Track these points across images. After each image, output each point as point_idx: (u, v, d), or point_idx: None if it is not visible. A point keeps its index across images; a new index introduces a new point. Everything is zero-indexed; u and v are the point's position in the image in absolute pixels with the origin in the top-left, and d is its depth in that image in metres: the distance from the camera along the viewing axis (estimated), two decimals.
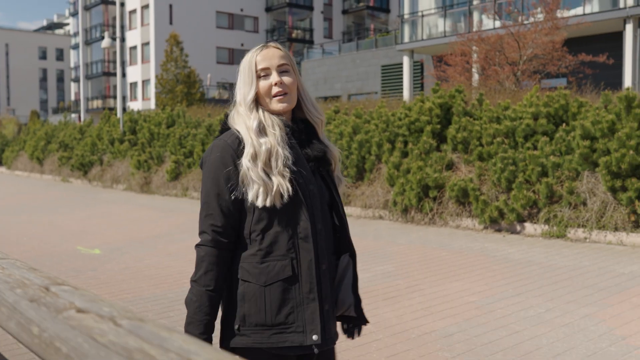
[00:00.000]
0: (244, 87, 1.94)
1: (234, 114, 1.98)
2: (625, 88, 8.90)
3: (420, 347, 4.30)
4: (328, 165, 2.03)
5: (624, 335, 4.49)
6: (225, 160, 1.89)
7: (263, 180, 1.83)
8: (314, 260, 1.88)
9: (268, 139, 1.88)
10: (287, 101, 1.94)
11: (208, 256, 1.86)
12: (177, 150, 16.64)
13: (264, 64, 1.92)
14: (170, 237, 9.69)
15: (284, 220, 1.87)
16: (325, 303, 1.90)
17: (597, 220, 8.21)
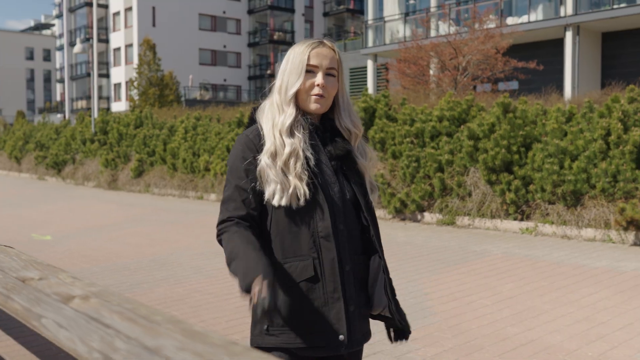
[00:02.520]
0: (289, 76, 1.90)
1: (266, 104, 1.96)
2: (513, 98, 10.20)
3: None
4: (353, 164, 1.98)
5: (428, 292, 5.81)
6: (245, 154, 1.88)
7: (280, 180, 1.82)
8: (336, 259, 1.85)
9: (293, 140, 1.86)
10: (322, 104, 1.92)
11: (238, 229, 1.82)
12: (141, 149, 17.89)
13: (315, 60, 1.89)
14: (118, 226, 10.95)
15: (304, 220, 1.85)
16: (350, 304, 1.87)
17: (478, 209, 9.55)
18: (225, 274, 6.80)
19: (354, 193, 1.94)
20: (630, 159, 8.11)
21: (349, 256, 1.89)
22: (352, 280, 1.89)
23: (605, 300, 5.44)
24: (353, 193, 1.94)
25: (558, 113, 9.67)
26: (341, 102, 1.97)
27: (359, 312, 1.91)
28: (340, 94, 1.97)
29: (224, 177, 14.39)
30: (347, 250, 1.89)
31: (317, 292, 1.84)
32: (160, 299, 5.83)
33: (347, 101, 1.99)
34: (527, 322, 4.82)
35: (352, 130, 1.97)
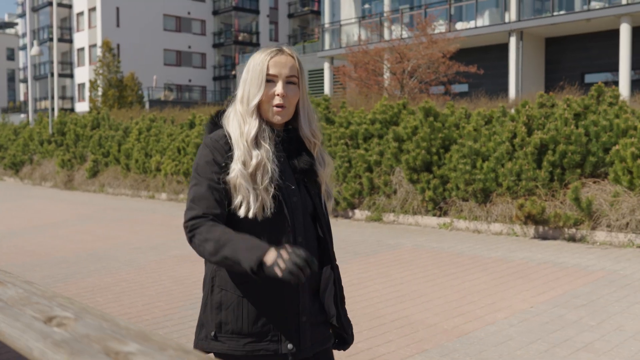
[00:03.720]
0: (250, 87, 1.90)
1: (231, 113, 1.93)
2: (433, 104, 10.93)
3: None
4: (314, 176, 1.99)
5: None
6: (216, 158, 1.86)
7: (248, 190, 1.82)
8: None
9: (260, 151, 1.85)
10: (284, 115, 1.91)
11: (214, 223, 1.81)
12: (96, 150, 18.33)
13: (275, 70, 1.88)
14: (66, 224, 11.44)
15: (266, 232, 1.84)
16: (302, 315, 1.90)
17: (402, 206, 10.28)
18: (154, 265, 7.43)
19: (313, 205, 1.97)
20: (532, 160, 8.90)
21: None
22: (307, 290, 1.92)
23: (482, 284, 6.18)
24: (312, 205, 1.97)
25: (478, 117, 10.45)
26: (302, 110, 1.97)
27: (312, 321, 1.93)
28: (302, 102, 1.96)
29: (174, 177, 14.96)
30: None
31: (273, 303, 1.87)
32: (88, 288, 6.41)
33: (309, 109, 1.99)
34: (405, 303, 5.53)
35: (311, 140, 1.98)
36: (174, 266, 7.40)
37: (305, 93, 1.97)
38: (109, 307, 5.60)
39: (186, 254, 8.02)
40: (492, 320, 4.97)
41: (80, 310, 1.10)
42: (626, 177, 8.06)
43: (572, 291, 5.82)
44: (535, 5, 23.11)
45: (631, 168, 8.00)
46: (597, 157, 8.65)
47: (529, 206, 8.45)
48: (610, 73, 21.81)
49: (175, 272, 7.06)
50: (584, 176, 8.76)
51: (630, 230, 7.86)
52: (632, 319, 4.91)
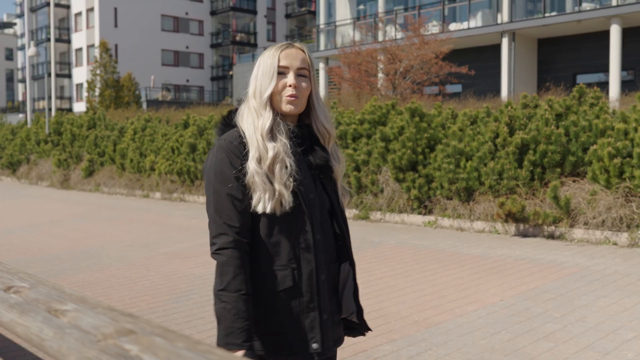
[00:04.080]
0: (262, 79, 1.89)
1: (244, 109, 1.92)
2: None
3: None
4: (330, 173, 1.99)
5: None
6: (232, 161, 1.84)
7: (266, 186, 1.81)
8: (314, 270, 1.87)
9: (276, 144, 1.85)
10: (296, 105, 1.90)
11: (233, 259, 1.80)
12: (92, 150, 18.56)
13: (285, 61, 1.88)
14: (61, 223, 11.67)
15: (286, 229, 1.86)
16: (324, 313, 1.91)
17: (388, 205, 10.52)
18: (144, 262, 7.66)
19: (330, 202, 1.97)
20: (514, 159, 9.14)
21: (324, 265, 1.91)
22: (327, 288, 1.92)
23: (458, 279, 6.42)
24: (329, 202, 1.97)
25: (464, 117, 10.68)
26: (316, 104, 1.97)
27: (332, 320, 1.94)
28: (314, 96, 1.96)
29: (168, 176, 15.18)
30: (324, 259, 1.91)
31: (293, 301, 1.86)
32: (78, 283, 6.64)
33: (321, 103, 1.99)
34: (382, 297, 5.76)
35: (326, 135, 1.97)
36: (163, 263, 7.63)
37: (317, 87, 1.97)
38: (97, 299, 5.82)
39: (175, 251, 8.25)
40: (461, 313, 5.20)
41: (36, 282, 1.32)
42: (603, 176, 8.29)
43: (543, 286, 6.05)
44: (527, 6, 23.35)
45: (608, 167, 8.23)
46: (576, 156, 8.88)
47: (510, 204, 8.69)
48: (601, 74, 22.04)
49: (164, 268, 7.28)
50: (564, 175, 8.99)
51: (607, 227, 8.09)
52: (595, 312, 5.14)
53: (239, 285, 1.78)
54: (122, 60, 49.24)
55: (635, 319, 4.92)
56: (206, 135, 14.66)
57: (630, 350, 4.24)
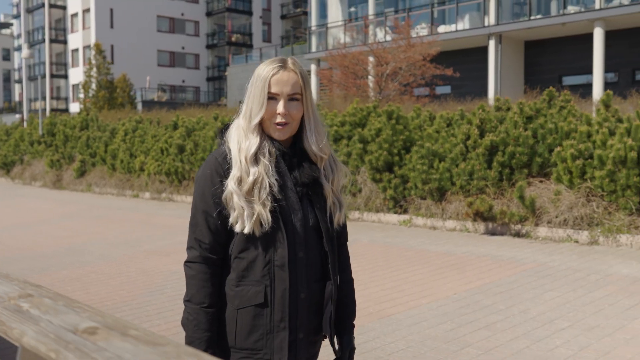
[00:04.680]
0: (253, 104, 1.88)
1: (234, 127, 1.94)
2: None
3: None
4: (320, 189, 1.95)
5: None
6: (213, 178, 1.88)
7: (243, 207, 1.82)
8: (288, 289, 1.86)
9: (258, 168, 1.85)
10: (285, 132, 1.90)
11: (199, 273, 1.87)
12: (84, 150, 18.90)
13: (276, 88, 1.86)
14: (50, 222, 12.01)
15: (262, 246, 1.86)
16: (299, 331, 1.90)
17: (366, 204, 10.88)
18: (124, 259, 8.01)
19: (317, 219, 1.93)
20: (483, 160, 9.50)
21: (305, 284, 1.90)
22: (307, 306, 1.91)
23: (419, 275, 6.77)
24: (316, 219, 1.93)
25: (441, 119, 11.04)
26: (307, 125, 1.93)
27: (307, 339, 1.93)
28: (307, 117, 1.93)
29: (157, 177, 15.52)
30: (305, 277, 1.90)
31: (264, 318, 1.86)
32: (60, 279, 6.99)
33: (314, 123, 1.95)
34: None
35: (318, 154, 1.95)
36: (143, 260, 7.98)
37: (311, 107, 1.94)
38: (75, 295, 6.17)
39: (156, 249, 8.60)
40: (415, 305, 5.56)
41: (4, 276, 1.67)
42: (566, 177, 8.65)
43: (498, 281, 6.41)
44: (514, 9, 23.72)
45: (571, 168, 8.59)
46: (543, 158, 9.24)
47: (478, 204, 9.05)
48: (586, 75, 22.40)
49: (143, 265, 7.63)
50: (531, 176, 9.35)
51: (569, 226, 8.45)
52: (539, 304, 5.50)
53: (202, 298, 1.86)
54: (118, 61, 49.57)
55: (574, 310, 5.28)
56: (193, 137, 15.00)
57: (560, 338, 4.59)
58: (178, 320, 5.22)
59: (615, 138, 8.36)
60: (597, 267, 6.87)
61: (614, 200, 8.23)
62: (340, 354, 2.04)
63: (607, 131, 8.54)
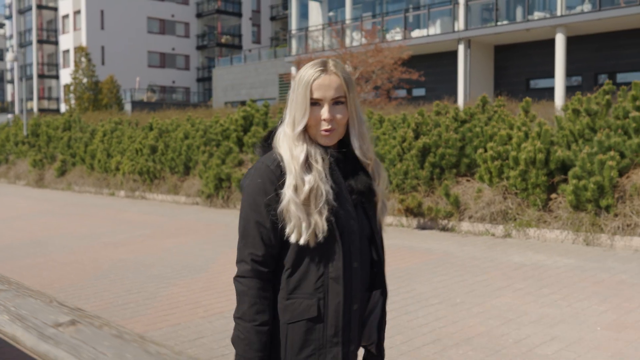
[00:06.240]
0: (296, 110, 1.82)
1: (281, 134, 1.85)
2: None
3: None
4: (372, 196, 1.91)
5: (219, 258, 7.93)
6: (266, 187, 1.79)
7: (300, 217, 1.76)
8: (342, 302, 1.80)
9: (312, 175, 1.78)
10: (332, 138, 1.83)
11: (250, 289, 1.78)
12: (65, 151, 19.75)
13: (318, 94, 1.80)
14: (25, 217, 12.85)
15: (317, 257, 1.79)
16: (352, 344, 1.85)
17: None
18: (82, 249, 8.86)
19: (370, 228, 1.90)
20: (417, 161, 10.37)
21: (359, 295, 1.85)
22: (358, 318, 1.86)
23: None
24: (370, 228, 1.90)
25: (389, 123, 11.92)
26: (352, 129, 1.87)
27: (357, 350, 1.90)
28: (352, 121, 1.86)
29: (131, 176, 16.36)
30: (359, 288, 1.85)
31: (316, 333, 1.80)
32: (21, 266, 7.83)
33: (360, 127, 1.89)
34: None
35: (363, 160, 1.89)
36: (98, 250, 8.83)
37: (356, 110, 1.87)
38: (29, 278, 7.03)
39: (114, 241, 9.46)
40: None
41: None
42: (487, 176, 9.53)
43: (403, 267, 7.28)
44: (483, 15, 24.60)
45: (491, 168, 9.47)
46: (470, 159, 10.12)
47: (409, 201, 9.92)
48: (551, 79, 23.29)
49: (96, 254, 8.49)
50: (459, 175, 10.23)
51: (487, 221, 9.33)
52: (424, 286, 6.37)
53: (254, 315, 1.77)
54: (108, 62, 50.39)
55: (449, 290, 6.15)
56: (164, 138, 15.83)
57: (424, 311, 5.46)
58: (114, 299, 6.08)
59: (528, 141, 9.25)
60: (496, 256, 7.75)
61: (525, 197, 9.11)
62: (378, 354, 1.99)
63: (522, 134, 9.42)
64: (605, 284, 6.33)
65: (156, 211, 13.27)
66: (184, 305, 5.84)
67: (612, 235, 8.14)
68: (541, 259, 7.54)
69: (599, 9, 20.34)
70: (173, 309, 5.72)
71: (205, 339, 4.82)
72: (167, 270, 7.38)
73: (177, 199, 14.73)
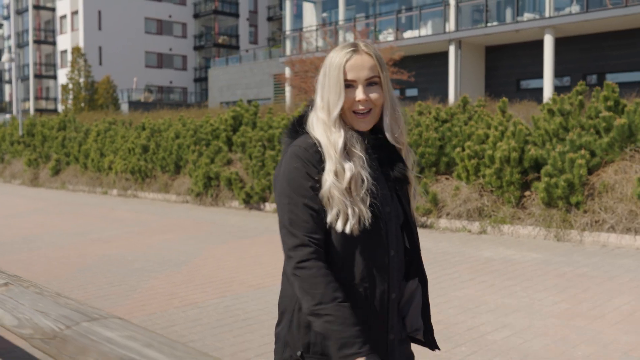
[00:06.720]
0: (329, 94, 1.74)
1: (314, 119, 1.77)
2: None
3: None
4: (406, 183, 1.85)
5: (203, 252, 8.21)
6: (309, 170, 1.69)
7: (345, 203, 1.68)
8: (386, 291, 1.76)
9: (352, 160, 1.71)
10: (368, 121, 1.76)
11: (319, 269, 1.65)
12: (59, 150, 20.03)
13: (352, 75, 1.73)
14: (19, 215, 13.12)
15: (360, 246, 1.72)
16: (391, 333, 1.80)
17: None
18: (71, 246, 9.13)
19: (405, 216, 1.84)
20: None
21: (397, 283, 1.81)
22: (396, 306, 1.82)
23: None
24: (405, 216, 1.84)
25: None
26: (386, 112, 1.80)
27: (399, 338, 1.85)
28: (386, 103, 1.79)
29: (123, 175, 16.64)
30: (396, 277, 1.80)
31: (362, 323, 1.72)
32: (9, 261, 8.11)
33: (394, 110, 1.82)
34: (240, 269, 7.25)
35: (396, 144, 1.83)
36: (85, 246, 9.11)
37: (390, 92, 1.80)
38: (16, 272, 7.29)
39: (102, 238, 9.74)
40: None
41: None
42: (464, 174, 9.81)
43: None
44: (474, 16, 24.89)
45: (468, 166, 9.75)
46: (449, 157, 10.39)
47: None
48: (540, 79, 23.58)
49: (83, 250, 8.77)
50: (439, 173, 10.51)
51: (464, 217, 9.61)
52: None
53: (334, 293, 1.63)
54: (106, 62, 50.65)
55: None
56: (155, 137, 16.11)
57: None
58: (96, 291, 6.36)
59: (503, 140, 9.53)
60: (467, 252, 8.04)
61: (500, 195, 9.39)
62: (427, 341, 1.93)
63: (499, 134, 9.70)
64: (567, 276, 6.62)
65: (147, 209, 13.55)
66: (161, 296, 6.12)
67: (582, 231, 8.42)
68: (510, 254, 7.82)
69: (587, 11, 20.63)
70: (151, 299, 6.00)
71: (177, 326, 5.10)
72: (150, 264, 7.66)
73: (168, 198, 15.01)
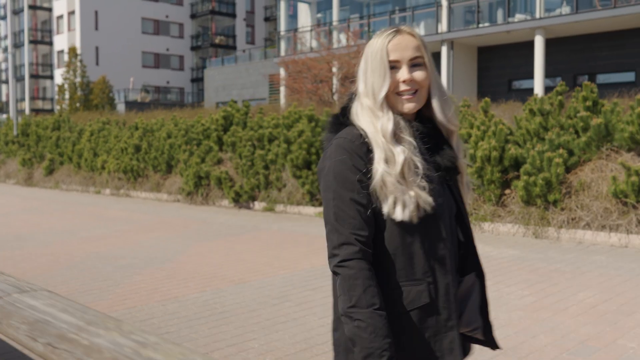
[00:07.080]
0: (373, 77, 1.67)
1: (358, 108, 1.70)
2: None
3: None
4: (457, 172, 1.77)
5: (189, 249, 8.39)
6: (355, 162, 1.62)
7: (400, 190, 1.60)
8: (450, 283, 1.68)
9: (403, 146, 1.64)
10: (416, 101, 1.69)
11: (362, 271, 1.57)
12: (53, 150, 20.20)
13: (395, 55, 1.67)
14: (12, 214, 13.29)
15: (420, 237, 1.64)
16: (457, 328, 1.72)
17: (289, 198, 12.20)
18: (60, 243, 9.31)
19: (457, 207, 1.78)
20: None
21: (455, 277, 1.74)
22: (458, 303, 1.75)
23: (289, 254, 8.09)
24: (457, 207, 1.77)
25: None
26: (434, 95, 1.72)
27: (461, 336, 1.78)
28: (433, 85, 1.72)
29: (116, 174, 16.81)
30: (453, 269, 1.72)
31: (429, 321, 1.66)
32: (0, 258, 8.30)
33: (439, 92, 1.74)
34: (224, 266, 7.43)
35: (449, 128, 1.76)
36: (75, 244, 9.28)
37: (435, 74, 1.74)
38: (5, 269, 7.47)
39: (91, 236, 9.91)
40: (271, 275, 6.89)
41: None
42: None
43: None
44: (466, 17, 25.08)
45: None
46: None
47: None
48: (531, 80, 23.78)
49: (72, 248, 8.94)
50: None
51: None
52: None
53: (371, 299, 1.56)
54: (103, 62, 50.82)
55: None
56: (147, 137, 16.28)
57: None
58: (80, 286, 6.54)
59: (485, 140, 9.72)
60: None
61: (481, 193, 9.58)
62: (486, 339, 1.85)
63: (480, 133, 9.89)
64: (539, 272, 6.80)
65: (139, 208, 13.72)
66: (143, 291, 6.29)
67: (559, 229, 8.61)
68: (488, 251, 8.01)
69: (577, 12, 20.83)
70: (132, 294, 6.18)
71: (155, 319, 5.28)
72: (136, 261, 7.84)
73: (160, 197, 15.19)
